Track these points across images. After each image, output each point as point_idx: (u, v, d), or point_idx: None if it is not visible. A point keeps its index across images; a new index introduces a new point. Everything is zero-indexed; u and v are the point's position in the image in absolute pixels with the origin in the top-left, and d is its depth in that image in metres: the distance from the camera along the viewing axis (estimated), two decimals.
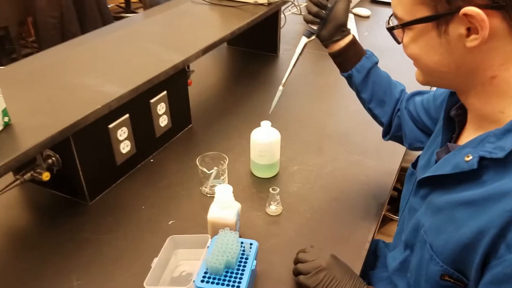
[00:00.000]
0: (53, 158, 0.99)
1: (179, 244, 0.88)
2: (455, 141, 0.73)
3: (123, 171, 1.14)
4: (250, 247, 0.81)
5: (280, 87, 1.03)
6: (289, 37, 1.98)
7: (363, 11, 2.28)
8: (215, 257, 0.77)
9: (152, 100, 1.17)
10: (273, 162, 1.11)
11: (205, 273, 0.77)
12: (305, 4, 0.95)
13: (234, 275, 0.77)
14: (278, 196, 1.00)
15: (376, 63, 0.99)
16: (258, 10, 1.56)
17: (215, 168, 1.04)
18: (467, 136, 0.69)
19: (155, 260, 0.81)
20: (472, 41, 0.57)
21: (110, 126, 1.05)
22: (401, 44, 0.68)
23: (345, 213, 1.02)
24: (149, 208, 1.04)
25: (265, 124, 1.07)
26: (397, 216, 2.02)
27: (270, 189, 0.99)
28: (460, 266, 0.63)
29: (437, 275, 0.65)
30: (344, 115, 1.42)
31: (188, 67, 1.37)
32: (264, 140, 1.07)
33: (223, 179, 1.06)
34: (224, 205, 0.87)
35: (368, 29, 2.12)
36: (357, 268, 0.88)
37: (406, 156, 1.24)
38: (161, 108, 1.21)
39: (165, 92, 1.21)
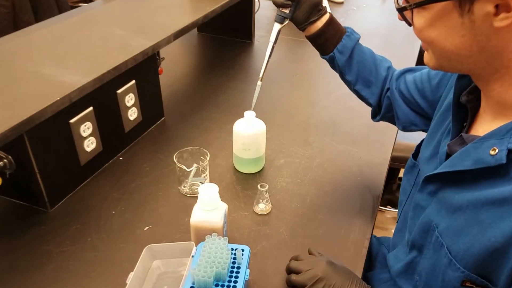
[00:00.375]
0: (5, 160, 0.85)
1: (158, 254, 0.76)
2: (467, 131, 0.65)
3: (89, 172, 1.02)
4: (242, 254, 0.71)
5: (259, 82, 0.95)
6: (264, 23, 1.88)
7: None
8: (203, 268, 0.66)
9: (119, 91, 1.04)
10: (259, 156, 1.00)
11: None
12: None
13: None
14: (267, 193, 0.90)
15: (358, 40, 0.91)
16: None
17: (195, 164, 0.93)
18: (484, 125, 0.62)
19: (131, 274, 0.70)
20: (502, 21, 0.49)
21: (72, 121, 0.92)
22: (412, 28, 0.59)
23: (339, 208, 0.94)
24: (121, 213, 0.92)
25: (249, 114, 0.96)
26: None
27: (258, 185, 0.89)
28: (485, 271, 0.56)
29: (457, 281, 0.58)
30: (327, 103, 1.33)
31: (158, 54, 1.24)
32: (249, 132, 0.96)
33: (204, 176, 0.95)
34: (209, 206, 0.76)
35: (344, 15, 2.05)
36: (359, 270, 0.80)
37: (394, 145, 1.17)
38: (130, 99, 1.08)
39: (133, 81, 1.08)
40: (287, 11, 0.85)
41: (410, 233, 0.71)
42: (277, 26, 0.88)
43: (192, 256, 0.71)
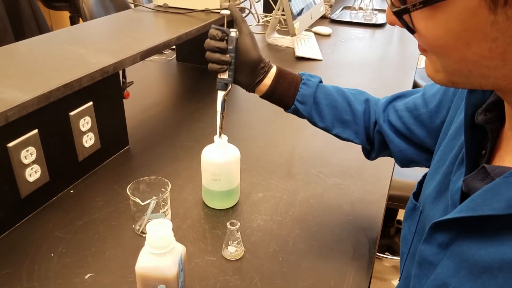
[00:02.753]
0: None
1: None
2: (489, 161, 0.49)
3: (31, 206, 0.85)
4: None
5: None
6: None
7: (324, 29, 2.15)
8: None
9: (72, 113, 0.90)
10: (232, 188, 0.85)
11: None
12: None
13: None
14: (239, 233, 0.74)
15: (320, 82, 0.79)
16: (209, 17, 1.36)
17: (154, 197, 0.77)
18: None
19: None
20: None
21: (10, 144, 0.77)
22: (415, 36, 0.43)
23: (328, 254, 0.77)
24: (61, 256, 0.75)
25: (220, 139, 0.81)
26: None
27: (228, 223, 0.73)
28: None
29: None
30: (315, 131, 1.18)
31: (125, 76, 1.11)
32: (219, 159, 0.81)
33: (164, 212, 0.79)
34: (159, 249, 0.59)
35: (331, 47, 1.97)
36: None
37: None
38: (86, 123, 0.93)
39: (90, 103, 0.94)
40: (226, 76, 0.76)
41: None
42: (220, 94, 0.78)
43: None
